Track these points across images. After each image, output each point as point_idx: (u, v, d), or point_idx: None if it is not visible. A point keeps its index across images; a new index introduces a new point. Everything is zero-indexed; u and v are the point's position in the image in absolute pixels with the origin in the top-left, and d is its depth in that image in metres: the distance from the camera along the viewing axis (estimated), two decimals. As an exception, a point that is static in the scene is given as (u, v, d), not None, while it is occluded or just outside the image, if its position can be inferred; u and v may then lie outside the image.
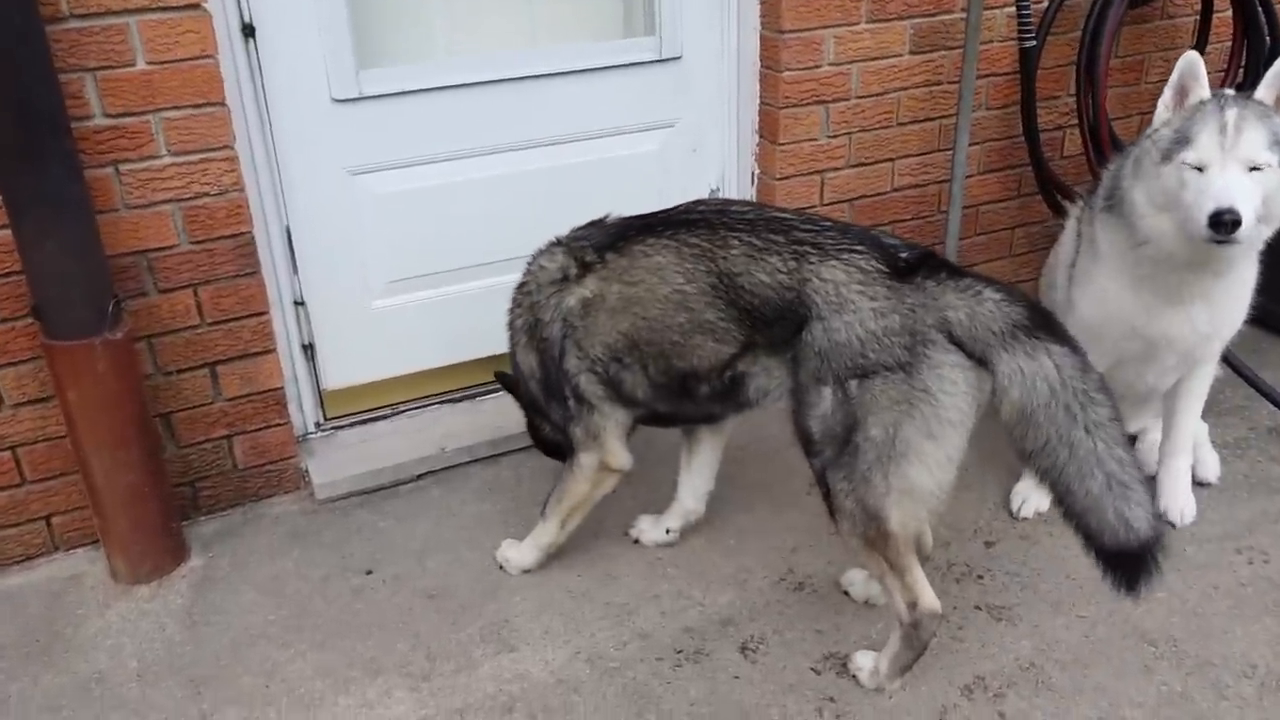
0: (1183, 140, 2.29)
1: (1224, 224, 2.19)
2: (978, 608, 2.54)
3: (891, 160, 3.43)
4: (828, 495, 2.16)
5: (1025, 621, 2.49)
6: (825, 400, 2.09)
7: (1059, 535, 2.75)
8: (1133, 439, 3.06)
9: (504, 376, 2.76)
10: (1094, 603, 2.52)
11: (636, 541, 2.79)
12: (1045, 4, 3.33)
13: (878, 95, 3.30)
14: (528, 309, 2.48)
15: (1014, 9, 3.23)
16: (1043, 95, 3.45)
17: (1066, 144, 3.65)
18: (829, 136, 3.29)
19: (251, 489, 2.97)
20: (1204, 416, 3.14)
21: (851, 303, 2.06)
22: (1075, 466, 1.98)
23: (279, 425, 2.94)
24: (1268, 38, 3.40)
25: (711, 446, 2.70)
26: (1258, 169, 2.25)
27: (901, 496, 2.06)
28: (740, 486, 2.96)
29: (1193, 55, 2.34)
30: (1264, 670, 2.33)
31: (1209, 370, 2.72)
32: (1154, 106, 3.82)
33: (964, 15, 3.17)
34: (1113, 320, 2.58)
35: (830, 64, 3.19)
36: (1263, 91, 2.30)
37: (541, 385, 2.52)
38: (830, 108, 3.25)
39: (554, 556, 2.69)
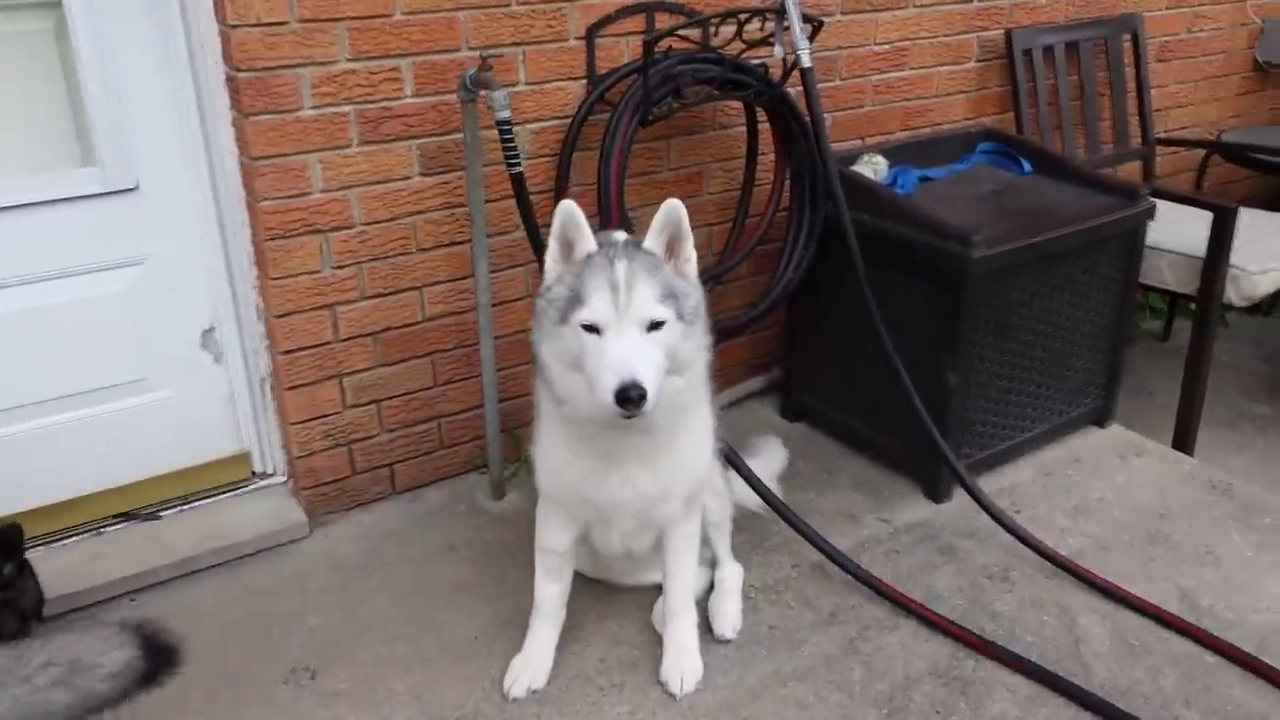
0: (576, 299, 2.03)
1: (630, 399, 1.93)
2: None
3: (419, 289, 3.13)
4: None
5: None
6: None
7: (547, 715, 2.46)
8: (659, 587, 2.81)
9: None
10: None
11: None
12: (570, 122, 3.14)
13: (387, 221, 3.00)
14: None
15: (521, 129, 3.01)
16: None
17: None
18: (334, 268, 2.96)
19: None
20: (749, 553, 2.96)
21: None
22: None
23: None
24: (805, 149, 3.29)
25: None
26: (658, 325, 2.02)
27: None
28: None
29: (569, 205, 2.09)
30: None
31: (689, 530, 2.46)
32: (717, 217, 3.68)
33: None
34: (562, 484, 2.32)
35: (322, 190, 2.87)
36: (651, 240, 2.09)
37: None
38: (329, 236, 2.93)
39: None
